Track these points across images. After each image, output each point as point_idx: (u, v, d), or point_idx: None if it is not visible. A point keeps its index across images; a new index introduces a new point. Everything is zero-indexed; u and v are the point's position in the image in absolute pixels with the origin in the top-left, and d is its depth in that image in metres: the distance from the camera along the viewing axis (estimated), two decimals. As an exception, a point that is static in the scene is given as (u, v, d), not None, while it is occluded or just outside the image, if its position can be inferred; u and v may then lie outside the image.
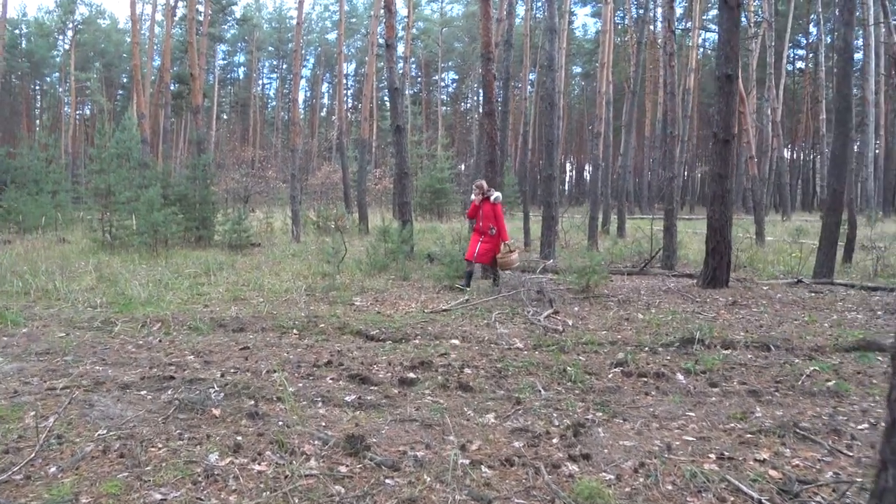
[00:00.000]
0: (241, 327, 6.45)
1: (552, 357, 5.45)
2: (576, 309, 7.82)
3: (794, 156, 56.56)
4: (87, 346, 5.69)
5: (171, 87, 31.14)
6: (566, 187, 59.27)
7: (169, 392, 4.31)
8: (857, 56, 24.30)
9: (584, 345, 5.93)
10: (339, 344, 5.83)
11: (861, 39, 24.60)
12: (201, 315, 6.95)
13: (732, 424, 3.98)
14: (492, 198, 9.31)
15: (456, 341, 5.99)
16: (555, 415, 4.05)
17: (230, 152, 53.84)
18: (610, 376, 4.98)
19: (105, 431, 3.51)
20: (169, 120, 25.99)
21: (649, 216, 32.71)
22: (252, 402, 4.11)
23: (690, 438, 3.68)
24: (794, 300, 8.68)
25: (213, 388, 4.35)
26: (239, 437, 3.41)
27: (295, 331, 6.35)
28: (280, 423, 3.64)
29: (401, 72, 14.60)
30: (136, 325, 6.56)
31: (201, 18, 26.71)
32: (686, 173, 44.17)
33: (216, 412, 3.81)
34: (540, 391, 4.53)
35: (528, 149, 34.88)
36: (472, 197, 9.68)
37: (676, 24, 12.40)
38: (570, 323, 6.95)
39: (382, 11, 13.61)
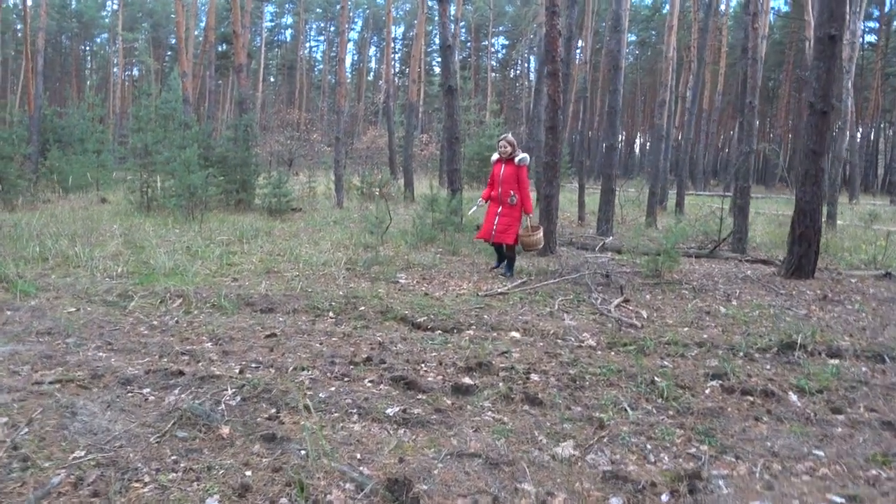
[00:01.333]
0: (270, 307, 5.69)
1: (632, 360, 4.55)
2: (648, 297, 6.87)
3: (862, 134, 53.65)
4: (94, 325, 5.00)
5: (218, 48, 30.61)
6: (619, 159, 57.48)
7: (175, 393, 3.56)
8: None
9: (667, 345, 5.01)
10: (380, 333, 5.01)
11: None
12: (228, 290, 6.22)
13: (874, 471, 3.05)
14: (517, 158, 7.74)
15: (516, 334, 5.12)
16: (650, 447, 3.17)
17: (275, 114, 53.51)
18: (707, 392, 4.05)
19: (83, 453, 2.75)
20: (214, 81, 25.41)
21: (705, 193, 31.26)
22: (273, 412, 3.33)
23: (837, 500, 2.76)
24: (889, 297, 7.56)
25: (228, 390, 3.58)
26: (248, 473, 2.62)
27: (331, 314, 5.56)
28: (303, 451, 2.84)
29: (452, 31, 13.58)
30: (155, 300, 5.86)
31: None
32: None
33: (224, 431, 3.02)
34: (626, 409, 3.65)
35: (584, 116, 33.43)
36: (495, 156, 8.05)
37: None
38: (645, 315, 6.01)
39: (436, -37, 12.58)
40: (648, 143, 59.61)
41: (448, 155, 12.44)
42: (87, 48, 62.76)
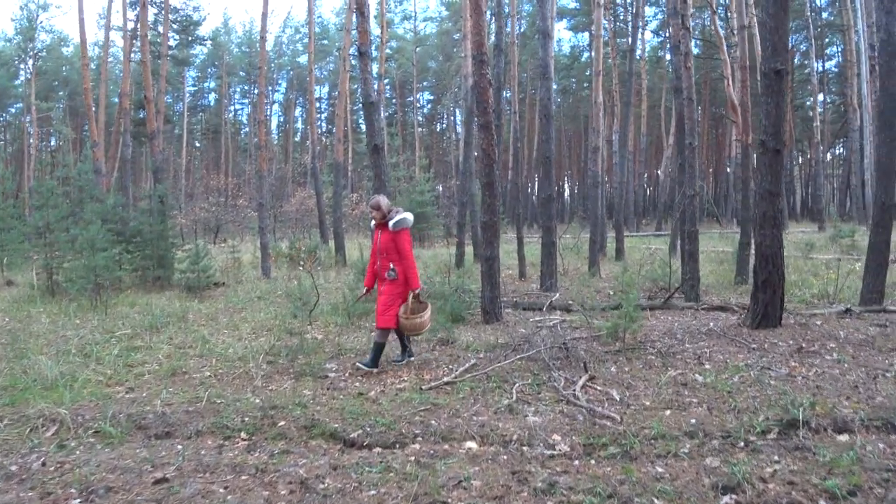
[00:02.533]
0: (167, 430, 4.59)
1: (620, 472, 3.69)
2: (613, 370, 6.07)
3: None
4: (-75, 480, 3.82)
5: (139, 114, 29.20)
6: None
7: None
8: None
9: (654, 441, 4.18)
10: (304, 460, 3.98)
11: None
12: (118, 408, 5.09)
13: None
14: (391, 222, 6.16)
15: (473, 445, 4.18)
16: None
17: (201, 180, 51.81)
18: (723, 515, 3.23)
19: None
20: (128, 148, 24.01)
21: (638, 234, 31.29)
22: None
23: None
24: (863, 340, 7.05)
25: None
26: None
27: (243, 434, 4.49)
28: None
29: (375, 88, 12.79)
30: (24, 429, 4.70)
31: (159, 39, 24.92)
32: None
33: None
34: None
35: (515, 164, 33.36)
36: (373, 223, 6.60)
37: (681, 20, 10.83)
38: (617, 397, 5.18)
39: (354, 18, 11.93)
40: (577, 188, 60.40)
41: (378, 215, 11.58)
42: (1, 119, 59.84)
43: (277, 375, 6.15)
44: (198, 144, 67.57)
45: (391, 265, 6.24)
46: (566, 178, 65.29)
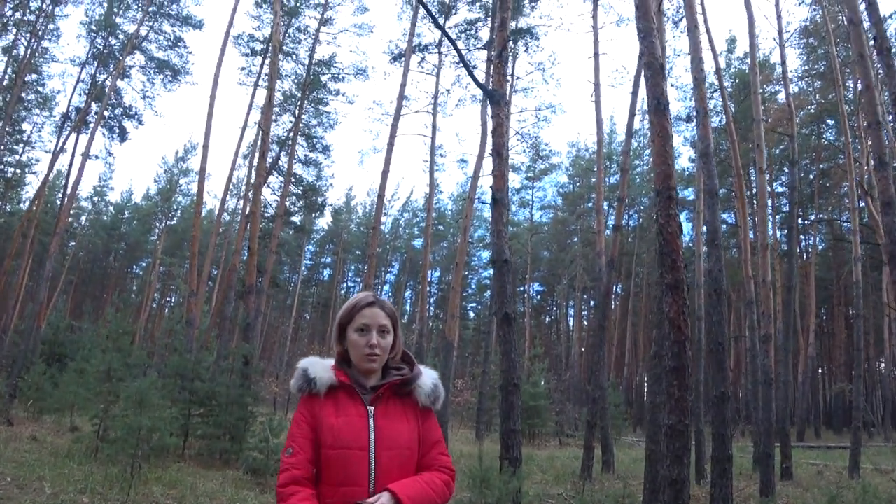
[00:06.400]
0: None
1: None
2: None
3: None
4: None
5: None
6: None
7: None
8: None
9: None
10: None
11: None
12: None
13: None
14: (428, 389, 2.38)
15: None
16: None
17: (307, 347, 50.86)
18: None
19: None
20: (230, 305, 22.94)
21: (801, 444, 25.09)
22: None
23: None
24: None
25: None
26: None
27: None
28: None
29: (507, 247, 10.42)
30: None
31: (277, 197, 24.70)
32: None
33: None
34: None
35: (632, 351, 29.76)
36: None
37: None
38: None
39: (491, 162, 10.04)
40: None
41: (503, 408, 8.55)
42: (131, 271, 63.03)
43: None
44: (307, 317, 68.27)
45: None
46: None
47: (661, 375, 9.02)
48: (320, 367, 2.28)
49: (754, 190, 27.07)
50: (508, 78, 23.26)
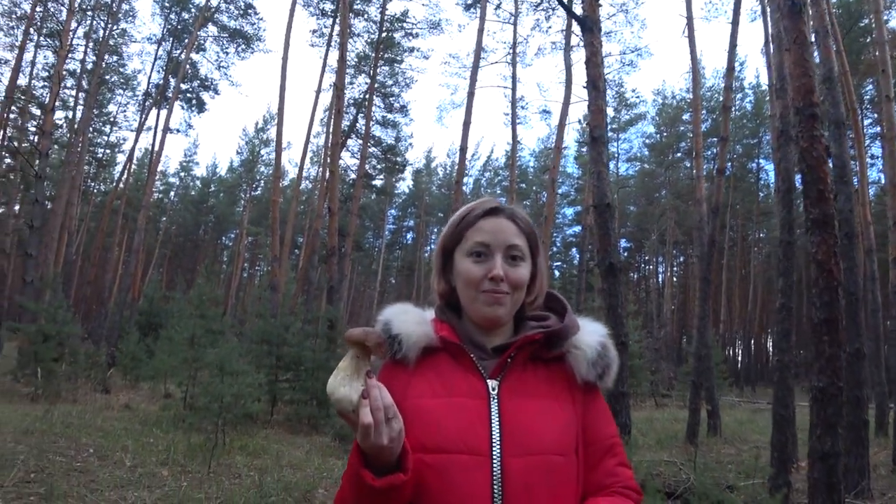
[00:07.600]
0: None
1: None
2: None
3: None
4: None
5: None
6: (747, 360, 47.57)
7: None
8: None
9: None
10: None
11: None
12: None
13: None
14: (601, 369, 1.35)
15: None
16: None
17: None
18: None
19: None
20: (315, 270, 22.84)
21: None
22: None
23: None
24: None
25: None
26: None
27: None
28: None
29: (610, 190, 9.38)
30: None
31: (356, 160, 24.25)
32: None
33: None
34: None
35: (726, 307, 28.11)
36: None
37: None
38: None
39: (587, 95, 8.98)
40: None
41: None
42: (221, 242, 65.16)
43: None
44: (393, 281, 68.78)
45: None
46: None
47: (788, 331, 7.95)
48: (411, 319, 1.35)
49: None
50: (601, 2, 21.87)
